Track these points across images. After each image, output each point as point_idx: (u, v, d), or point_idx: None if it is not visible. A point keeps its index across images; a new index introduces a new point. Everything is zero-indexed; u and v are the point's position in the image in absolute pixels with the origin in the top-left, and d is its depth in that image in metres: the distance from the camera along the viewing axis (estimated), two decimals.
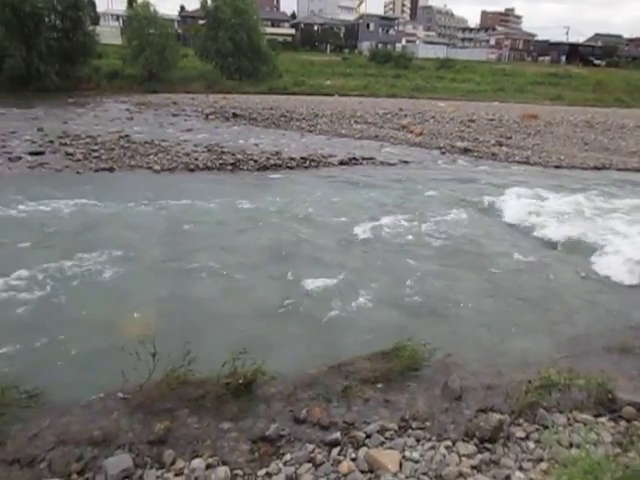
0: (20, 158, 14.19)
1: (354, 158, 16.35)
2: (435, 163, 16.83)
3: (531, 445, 3.84)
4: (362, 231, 9.31)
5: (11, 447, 3.63)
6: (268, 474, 3.51)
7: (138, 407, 4.11)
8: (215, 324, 5.89)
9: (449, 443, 3.85)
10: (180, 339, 4.71)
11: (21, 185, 11.61)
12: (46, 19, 38.88)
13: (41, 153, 14.95)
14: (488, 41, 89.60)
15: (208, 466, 3.53)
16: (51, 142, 16.63)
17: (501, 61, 76.45)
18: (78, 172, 13.10)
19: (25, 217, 9.36)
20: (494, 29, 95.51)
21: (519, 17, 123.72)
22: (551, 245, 9.19)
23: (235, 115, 26.51)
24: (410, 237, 9.20)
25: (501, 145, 20.12)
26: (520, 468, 3.61)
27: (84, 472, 3.46)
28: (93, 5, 56.63)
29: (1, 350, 5.05)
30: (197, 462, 3.56)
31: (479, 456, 3.72)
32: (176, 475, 3.47)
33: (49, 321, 5.71)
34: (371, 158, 16.55)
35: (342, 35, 77.92)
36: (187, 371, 4.27)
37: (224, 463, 3.57)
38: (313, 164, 15.38)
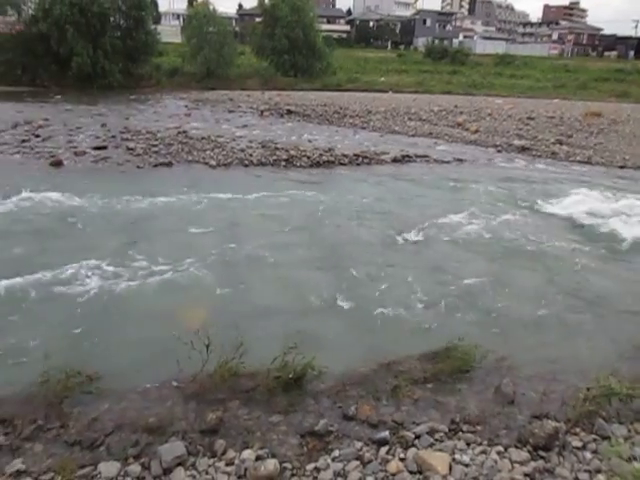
0: (85, 152, 14.80)
1: (407, 156, 16.14)
2: (491, 161, 16.42)
3: (588, 455, 3.70)
4: (414, 230, 9.20)
5: (73, 429, 3.80)
6: (316, 469, 3.53)
7: (191, 396, 4.21)
8: (266, 318, 5.96)
9: (501, 448, 3.76)
10: (232, 332, 4.80)
11: (85, 178, 12.12)
12: (111, 19, 40.36)
13: (104, 148, 15.55)
14: (550, 36, 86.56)
15: (258, 458, 3.58)
16: (113, 137, 17.26)
17: (564, 57, 73.72)
18: (138, 166, 13.53)
19: (88, 209, 9.76)
20: (557, 23, 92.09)
21: (584, 10, 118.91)
22: (614, 247, 8.80)
23: (289, 112, 26.71)
24: (464, 236, 9.02)
25: (561, 144, 19.41)
26: (576, 479, 3.48)
27: (140, 457, 3.58)
28: (155, 4, 58.22)
29: (66, 338, 5.28)
30: (247, 453, 3.61)
31: (532, 464, 3.61)
32: (227, 465, 3.53)
33: (109, 311, 5.92)
34: (425, 156, 16.31)
35: (398, 31, 77.16)
36: (239, 363, 4.35)
37: (273, 456, 3.62)
38: (365, 161, 15.30)
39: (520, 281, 7.29)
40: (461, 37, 78.95)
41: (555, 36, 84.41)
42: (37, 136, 17.10)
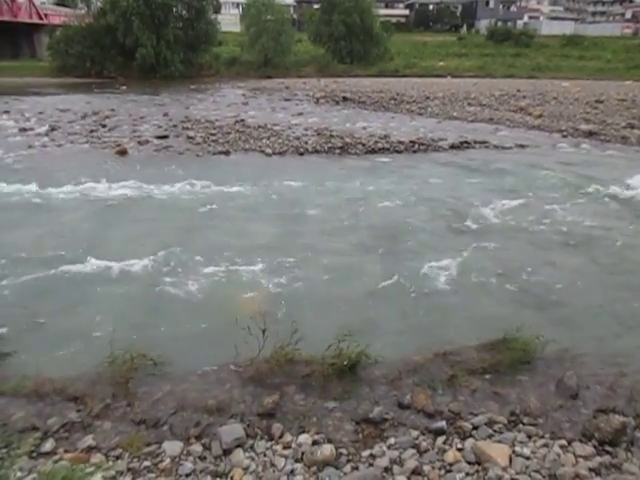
0: (148, 141, 15.29)
1: (466, 142, 15.76)
2: (555, 147, 15.78)
3: None
4: (473, 217, 8.99)
5: (139, 409, 3.96)
6: (372, 456, 3.53)
7: (249, 380, 4.30)
8: (321, 305, 5.99)
9: (564, 442, 3.64)
10: (288, 318, 4.86)
11: (148, 166, 12.52)
12: (174, 9, 41.28)
13: (166, 137, 16.01)
14: (623, 14, 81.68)
15: (314, 442, 3.62)
16: (175, 126, 17.73)
17: (638, 36, 69.54)
18: (198, 155, 13.85)
19: (150, 197, 10.09)
20: (631, 1, 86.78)
21: None
22: None
23: (345, 99, 26.58)
24: (525, 225, 8.73)
25: (633, 128, 18.38)
26: None
27: (201, 437, 3.70)
28: None
29: (131, 323, 5.50)
30: (304, 437, 3.66)
31: (598, 459, 3.48)
32: (284, 448, 3.59)
33: (169, 297, 6.11)
34: (484, 142, 15.87)
35: (459, 14, 74.95)
36: (294, 349, 4.40)
37: (329, 441, 3.65)
38: (422, 148, 15.05)
39: (585, 272, 7.00)
40: (526, 18, 75.66)
41: (629, 14, 79.56)
42: (104, 126, 17.81)
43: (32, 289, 6.19)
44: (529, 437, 3.71)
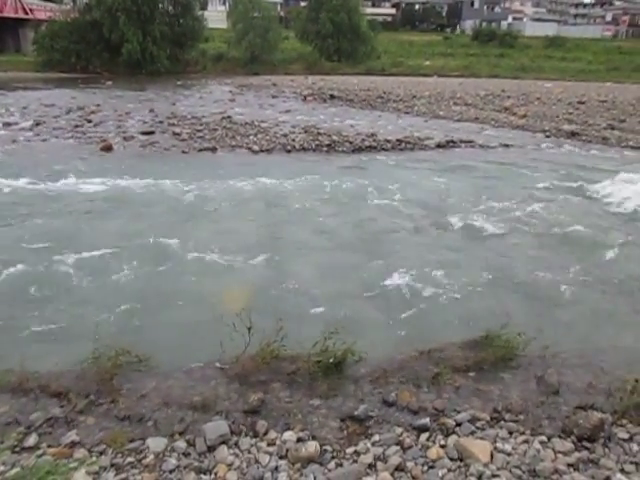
0: (133, 137, 15.16)
1: (452, 141, 15.86)
2: (539, 147, 15.94)
3: (635, 447, 3.59)
4: (458, 216, 9.04)
5: (123, 405, 3.93)
6: (356, 452, 3.54)
7: (234, 377, 4.29)
8: (307, 303, 5.99)
9: (544, 438, 3.69)
10: (274, 315, 4.84)
11: (133, 163, 12.42)
12: (160, 5, 40.96)
13: (151, 133, 15.89)
14: (604, 17, 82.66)
15: (299, 439, 3.62)
16: (160, 122, 17.60)
17: (618, 38, 70.40)
18: (184, 151, 13.77)
19: (135, 193, 10.00)
20: (611, 4, 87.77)
21: None
22: None
23: (332, 96, 26.59)
24: (509, 224, 8.81)
25: (613, 129, 18.64)
26: (622, 470, 3.38)
27: (185, 434, 3.68)
28: None
29: (115, 318, 5.47)
30: (288, 434, 3.66)
31: (576, 454, 3.53)
32: (269, 445, 3.59)
33: (154, 293, 6.08)
34: (470, 141, 15.98)
35: (444, 14, 75.26)
36: (280, 346, 4.39)
37: (314, 438, 3.65)
38: (409, 146, 15.11)
39: (566, 269, 7.08)
40: (510, 19, 76.25)
41: (609, 17, 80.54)
42: (89, 121, 17.62)
43: (15, 284, 6.12)
44: (510, 433, 3.74)
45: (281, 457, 3.48)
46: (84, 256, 6.84)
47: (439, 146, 15.35)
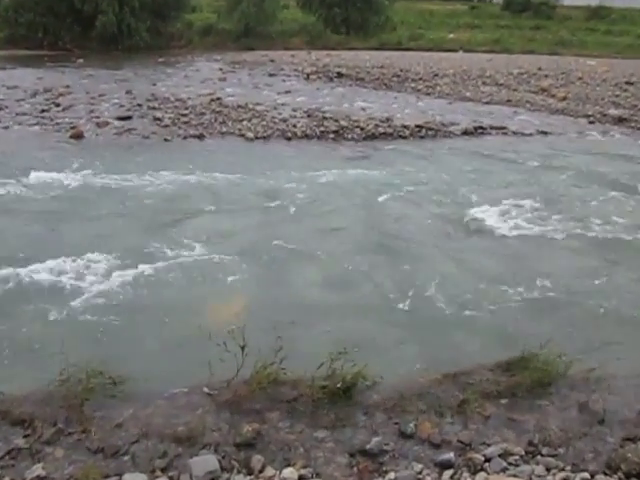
0: (108, 123, 15.20)
1: (481, 127, 15.85)
2: (581, 135, 15.90)
3: None
4: (487, 216, 9.03)
5: (95, 435, 3.94)
6: None
7: (225, 405, 4.29)
8: (311, 317, 5.99)
9: (587, 475, 3.68)
10: (272, 332, 4.85)
11: (107, 152, 12.46)
12: None
13: (129, 118, 15.94)
14: None
15: (301, 477, 3.61)
16: (139, 106, 17.64)
17: None
18: (166, 139, 13.80)
19: (109, 188, 10.02)
20: None
21: None
22: None
23: (340, 75, 26.59)
24: (549, 226, 8.77)
25: None
26: None
27: (168, 469, 3.68)
28: None
29: (86, 335, 5.48)
30: (288, 472, 3.65)
31: None
32: None
33: (132, 305, 6.09)
34: (502, 127, 15.97)
35: None
36: (279, 369, 4.39)
37: (318, 476, 3.65)
38: (430, 133, 15.12)
39: (614, 280, 7.06)
40: None
41: None
42: (57, 105, 17.68)
43: None
44: (548, 470, 3.73)
45: None
46: (49, 264, 6.84)
47: (466, 133, 15.34)
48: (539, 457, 3.86)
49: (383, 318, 6.03)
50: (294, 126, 15.06)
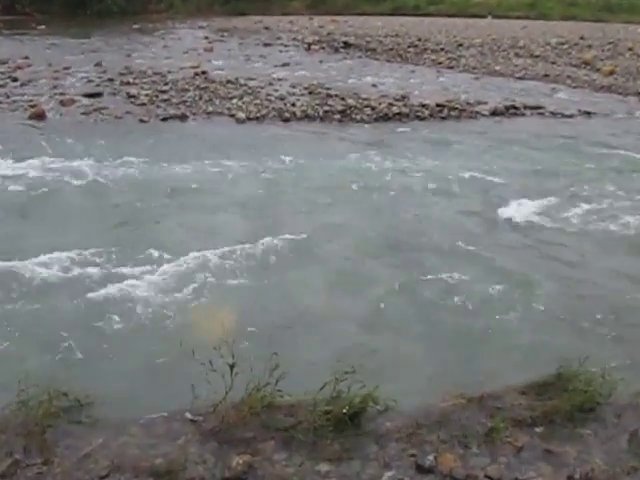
0: (74, 101, 15.23)
1: (513, 106, 15.88)
2: (632, 116, 15.90)
3: None
4: (518, 213, 9.01)
5: (59, 468, 3.93)
6: None
7: (211, 433, 4.29)
8: (312, 329, 5.99)
9: None
10: (266, 347, 4.85)
11: (72, 136, 12.45)
12: None
13: (99, 95, 15.97)
14: None
15: None
16: (111, 80, 17.68)
17: None
18: (142, 120, 13.81)
19: (74, 179, 9.99)
20: None
21: None
22: None
23: (347, 44, 26.64)
24: (590, 225, 8.76)
25: None
26: None
27: None
28: None
29: (48, 350, 5.46)
30: None
31: None
32: None
33: (103, 315, 6.08)
34: (538, 107, 16.00)
35: None
36: (274, 391, 4.39)
37: None
38: (453, 114, 15.12)
39: None
40: None
41: None
42: (14, 80, 17.71)
43: None
44: None
45: None
46: (5, 266, 6.86)
47: (495, 113, 15.36)
48: None
49: (397, 330, 6.03)
50: (293, 105, 15.09)
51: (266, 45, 26.65)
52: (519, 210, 9.08)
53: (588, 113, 15.79)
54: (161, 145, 11.91)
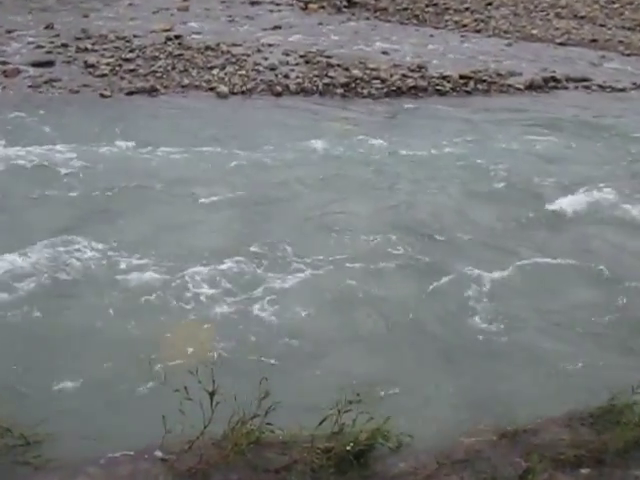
0: (19, 72, 15.15)
1: (553, 79, 15.82)
2: None
3: None
4: (558, 210, 9.03)
5: None
6: None
7: (187, 476, 4.29)
8: (309, 350, 6.00)
9: None
10: (254, 371, 4.86)
11: (18, 114, 12.42)
12: None
13: (50, 64, 15.88)
14: None
15: None
16: (64, 46, 17.59)
17: None
18: (103, 95, 13.77)
19: (20, 168, 9.97)
20: None
21: None
22: None
23: (352, 3, 26.57)
24: None
25: None
26: None
27: None
28: None
29: None
30: None
31: None
32: None
33: (55, 332, 6.09)
34: (583, 79, 15.96)
35: None
36: (264, 425, 4.39)
37: None
38: (481, 88, 15.09)
39: None
40: None
41: None
42: None
43: None
44: None
45: None
46: None
47: (532, 87, 15.32)
48: None
49: (409, 351, 6.05)
50: (286, 77, 15.06)
51: (253, 4, 26.56)
52: (560, 206, 9.09)
53: None
54: (125, 126, 11.86)
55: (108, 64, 15.72)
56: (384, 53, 17.96)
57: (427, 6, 25.87)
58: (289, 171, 10.17)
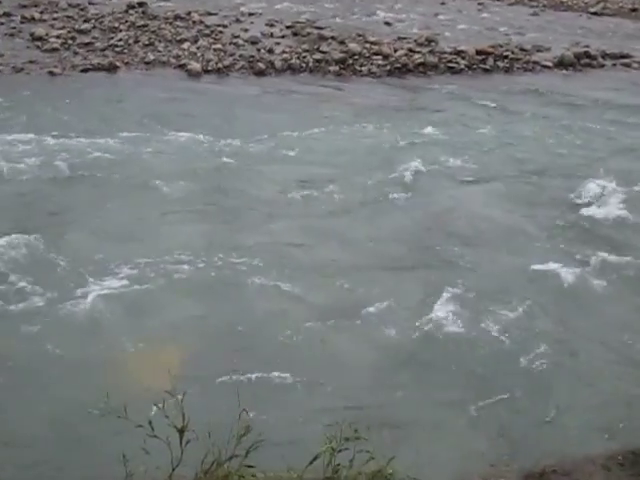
0: None
1: (587, 54, 15.89)
2: None
3: None
4: (595, 207, 9.06)
5: None
6: None
7: None
8: (296, 374, 5.98)
9: None
10: (231, 401, 4.85)
11: None
12: None
13: None
14: None
15: None
16: (7, 16, 17.60)
17: None
18: (52, 72, 13.75)
19: None
20: None
21: None
22: None
23: None
24: None
25: None
26: None
27: None
28: None
29: None
30: None
31: None
32: None
33: (6, 359, 6.08)
34: (621, 55, 16.04)
35: None
36: (243, 467, 4.37)
37: None
38: (502, 65, 15.13)
39: None
40: None
41: None
42: None
43: None
44: None
45: None
46: None
47: (562, 64, 15.37)
48: None
49: (417, 376, 6.04)
50: (270, 52, 15.07)
51: None
52: (596, 202, 9.13)
53: None
54: (79, 109, 11.86)
55: (59, 37, 15.73)
56: (387, 24, 18.02)
57: None
58: (265, 159, 10.21)
